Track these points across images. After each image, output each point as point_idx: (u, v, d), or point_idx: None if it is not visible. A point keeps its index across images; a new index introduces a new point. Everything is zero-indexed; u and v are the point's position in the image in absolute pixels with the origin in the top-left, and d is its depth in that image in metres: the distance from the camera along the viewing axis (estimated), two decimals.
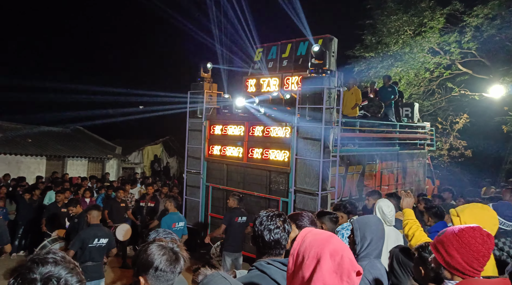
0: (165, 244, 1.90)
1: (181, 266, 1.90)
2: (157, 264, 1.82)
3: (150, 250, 1.87)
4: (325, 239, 1.47)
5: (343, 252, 1.43)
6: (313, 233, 1.54)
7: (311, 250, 1.44)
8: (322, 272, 1.38)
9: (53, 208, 8.59)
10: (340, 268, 1.39)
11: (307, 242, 1.48)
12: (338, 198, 7.81)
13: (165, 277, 1.83)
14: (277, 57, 9.71)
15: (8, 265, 8.29)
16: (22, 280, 1.23)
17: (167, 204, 6.67)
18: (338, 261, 1.40)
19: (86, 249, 5.42)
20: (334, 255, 1.41)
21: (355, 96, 9.30)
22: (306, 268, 1.43)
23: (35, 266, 1.25)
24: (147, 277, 1.83)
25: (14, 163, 14.31)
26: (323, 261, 1.40)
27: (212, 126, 9.49)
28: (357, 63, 17.93)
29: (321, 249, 1.42)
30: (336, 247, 1.44)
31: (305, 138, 7.60)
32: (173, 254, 1.87)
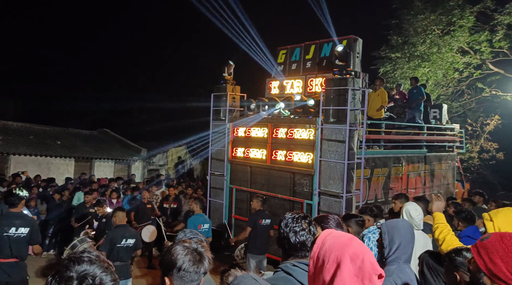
0: (189, 245, 1.91)
1: (205, 267, 1.90)
2: (180, 264, 1.83)
3: (174, 250, 1.89)
4: (345, 242, 1.45)
5: (363, 255, 1.40)
6: (332, 235, 1.52)
7: (331, 253, 1.43)
8: (343, 276, 1.36)
9: (81, 208, 8.81)
10: (361, 271, 1.37)
11: (327, 245, 1.47)
12: (363, 201, 7.69)
13: (189, 277, 1.83)
14: (300, 59, 9.66)
15: (39, 264, 8.54)
16: (59, 277, 1.27)
17: (193, 205, 6.72)
18: (359, 265, 1.38)
19: (114, 249, 5.52)
20: (355, 259, 1.39)
21: (381, 98, 9.14)
22: (327, 272, 1.41)
23: (71, 265, 1.29)
24: (171, 278, 1.85)
25: (45, 164, 14.77)
26: (343, 265, 1.38)
27: (236, 128, 9.52)
28: (382, 64, 17.63)
29: (341, 253, 1.40)
30: (356, 250, 1.42)
31: (329, 140, 7.52)
32: (197, 254, 1.88)
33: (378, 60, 17.97)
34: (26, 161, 14.18)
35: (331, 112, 7.55)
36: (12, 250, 4.90)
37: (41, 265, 8.46)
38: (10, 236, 4.90)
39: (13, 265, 4.91)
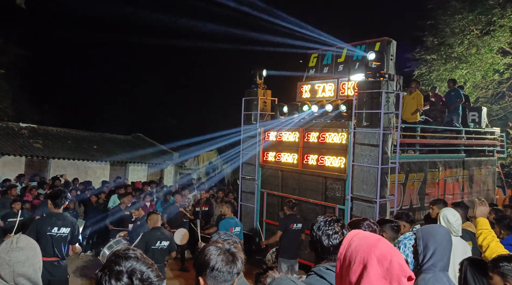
0: (222, 245, 1.93)
1: (238, 267, 1.90)
2: (213, 264, 1.84)
3: (207, 251, 1.90)
4: (371, 243, 1.42)
5: (391, 257, 1.36)
6: (359, 236, 1.49)
7: (357, 254, 1.40)
8: (370, 278, 1.33)
9: (117, 210, 9.06)
10: (389, 273, 1.33)
11: (353, 246, 1.44)
12: (398, 207, 7.49)
13: (222, 277, 1.84)
14: (332, 62, 9.57)
15: (77, 264, 8.83)
16: (109, 272, 1.31)
17: (224, 209, 6.77)
18: (386, 266, 1.34)
19: (149, 251, 5.62)
20: (382, 260, 1.35)
21: (416, 101, 8.89)
22: (353, 273, 1.39)
23: (120, 260, 1.34)
24: (205, 278, 1.86)
25: (82, 168, 15.31)
26: (370, 266, 1.35)
27: (267, 133, 9.53)
28: (417, 66, 17.18)
29: (368, 254, 1.38)
30: (383, 251, 1.38)
31: (362, 144, 7.38)
32: (230, 255, 1.89)
33: (412, 62, 17.53)
34: (65, 164, 14.75)
35: (364, 116, 7.41)
36: (55, 249, 5.09)
37: (79, 265, 8.75)
38: (52, 235, 5.10)
39: (56, 264, 5.10)
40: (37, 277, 2.04)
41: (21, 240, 2.07)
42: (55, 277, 5.04)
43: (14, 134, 15.12)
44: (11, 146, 13.74)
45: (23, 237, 2.09)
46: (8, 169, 13.24)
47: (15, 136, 14.97)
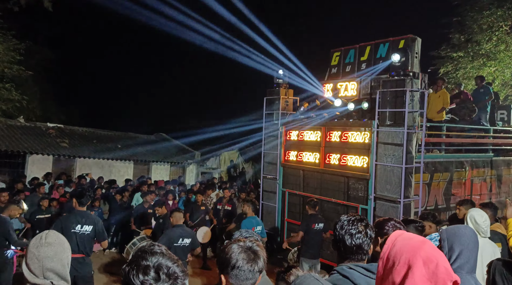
0: (243, 243, 1.92)
1: (260, 266, 1.88)
2: (234, 262, 1.83)
3: (229, 249, 1.90)
4: (417, 245, 1.40)
5: (438, 260, 1.34)
6: (403, 237, 1.47)
7: (402, 255, 1.38)
8: (414, 279, 1.31)
9: (140, 208, 9.21)
10: (434, 276, 1.31)
11: (398, 247, 1.42)
12: (423, 207, 7.33)
13: (244, 275, 1.83)
14: (355, 61, 9.44)
15: (102, 260, 9.02)
16: (136, 266, 1.34)
17: (245, 208, 6.79)
18: (432, 269, 1.32)
19: (172, 248, 5.69)
20: (428, 263, 1.33)
21: (442, 99, 8.69)
22: (397, 273, 1.37)
23: (146, 255, 1.37)
24: (227, 276, 1.86)
25: (107, 167, 15.64)
26: (415, 268, 1.33)
27: (288, 132, 9.50)
28: (443, 64, 16.76)
29: (413, 255, 1.36)
30: (429, 254, 1.36)
31: (386, 143, 7.26)
32: (251, 253, 1.88)
33: (438, 60, 17.10)
34: (90, 163, 15.10)
35: (387, 115, 7.29)
36: (79, 246, 5.23)
37: (104, 262, 8.93)
38: (76, 233, 5.24)
39: (80, 261, 5.23)
40: (65, 272, 2.09)
41: (49, 236, 2.12)
42: (80, 273, 5.17)
43: (42, 134, 15.58)
44: (39, 145, 14.16)
45: (52, 233, 2.14)
46: (37, 167, 13.66)
47: (43, 135, 15.43)
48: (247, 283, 1.85)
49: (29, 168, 13.64)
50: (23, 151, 13.31)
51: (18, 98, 15.64)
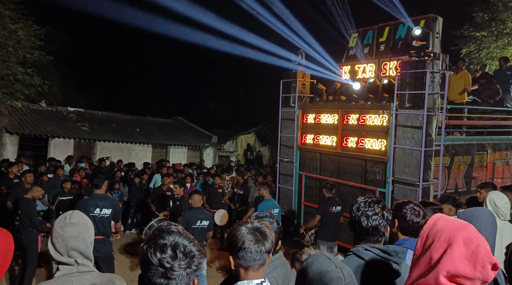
0: (251, 225, 1.92)
1: (267, 246, 1.88)
2: (241, 243, 1.84)
3: (236, 230, 1.91)
4: (458, 226, 1.42)
5: (478, 241, 1.35)
6: (445, 218, 1.49)
7: (442, 233, 1.40)
8: (453, 256, 1.33)
9: (159, 190, 9.37)
10: (474, 256, 1.32)
11: (439, 226, 1.44)
12: (442, 190, 7.25)
13: (251, 256, 1.84)
14: (373, 42, 9.25)
15: (122, 241, 9.28)
16: (154, 244, 1.38)
17: (262, 191, 6.84)
18: (472, 249, 1.33)
19: (189, 230, 5.80)
20: (468, 243, 1.34)
21: (464, 81, 8.46)
22: (435, 250, 1.39)
23: (164, 234, 1.41)
24: (235, 257, 1.88)
25: (126, 150, 15.90)
26: (455, 246, 1.34)
27: (305, 115, 9.44)
28: (465, 44, 16.24)
29: (454, 234, 1.37)
30: (470, 234, 1.37)
31: (405, 126, 7.16)
32: (259, 233, 1.88)
33: (460, 40, 16.56)
34: (110, 147, 15.37)
35: (407, 97, 7.16)
36: (99, 228, 5.37)
37: (124, 243, 9.18)
38: (95, 216, 5.38)
39: (101, 242, 5.38)
40: (88, 252, 2.16)
41: (73, 216, 2.18)
42: (100, 254, 5.32)
43: (63, 118, 15.91)
44: (61, 129, 14.48)
45: (76, 213, 2.20)
46: (58, 150, 13.99)
47: (64, 119, 15.75)
48: (255, 264, 1.85)
49: (52, 151, 13.99)
50: (45, 135, 13.64)
51: (40, 83, 15.88)
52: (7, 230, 2.28)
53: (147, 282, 1.38)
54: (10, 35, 14.62)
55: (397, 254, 2.11)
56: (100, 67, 28.37)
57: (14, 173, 9.00)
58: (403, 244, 2.58)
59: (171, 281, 1.36)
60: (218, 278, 7.30)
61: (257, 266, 1.86)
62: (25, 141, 13.59)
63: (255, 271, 1.86)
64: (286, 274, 2.30)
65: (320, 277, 1.43)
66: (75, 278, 2.03)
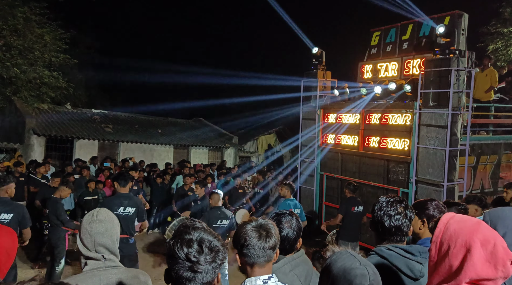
0: (256, 222, 1.93)
1: (271, 243, 1.87)
2: (243, 240, 1.86)
3: (241, 228, 1.93)
4: (472, 227, 1.38)
5: (495, 240, 1.33)
6: (456, 219, 1.44)
7: (457, 238, 1.37)
8: (474, 262, 1.31)
9: (181, 190, 9.49)
10: (493, 257, 1.31)
11: (452, 230, 1.40)
12: (468, 191, 7.08)
13: (255, 253, 1.85)
14: (396, 40, 9.12)
15: (146, 241, 9.42)
16: (180, 240, 1.43)
17: (283, 191, 6.82)
18: (490, 250, 1.32)
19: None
20: (486, 244, 1.32)
21: (490, 78, 8.24)
22: (454, 257, 1.36)
23: (189, 230, 1.46)
24: (240, 254, 1.90)
25: (148, 151, 16.15)
26: (474, 250, 1.32)
27: (326, 115, 9.38)
28: (492, 41, 15.80)
29: (470, 237, 1.34)
30: (486, 235, 1.35)
31: (429, 125, 7.02)
32: (263, 230, 1.88)
33: (486, 37, 16.12)
34: (133, 148, 15.65)
35: (430, 96, 7.03)
36: (123, 227, 5.45)
37: (148, 242, 9.32)
38: (119, 214, 5.46)
39: (125, 241, 5.46)
40: (114, 248, 2.22)
41: (100, 213, 2.25)
42: (124, 252, 5.39)
43: (88, 120, 16.29)
44: (86, 131, 14.83)
45: (103, 210, 2.27)
46: (83, 151, 14.34)
47: (88, 121, 16.13)
48: (259, 261, 1.86)
49: (77, 152, 14.34)
50: (71, 136, 14.00)
51: (65, 86, 16.35)
52: (13, 229, 2.37)
53: (174, 276, 1.42)
54: (37, 39, 15.10)
55: (420, 254, 2.08)
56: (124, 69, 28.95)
57: (41, 173, 9.28)
58: (425, 243, 2.54)
59: (197, 275, 1.40)
60: (239, 276, 7.30)
61: (262, 262, 1.86)
62: (52, 142, 13.98)
63: (261, 267, 1.87)
64: (308, 272, 2.30)
65: (344, 274, 1.43)
66: (102, 273, 2.09)
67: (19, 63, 14.48)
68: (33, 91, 15.47)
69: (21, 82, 14.84)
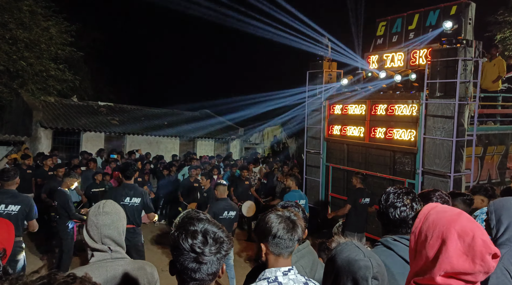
0: (282, 213, 1.97)
1: (299, 234, 1.95)
2: (275, 231, 1.90)
3: (268, 218, 1.96)
4: (451, 218, 1.33)
5: (474, 232, 1.27)
6: (437, 210, 1.40)
7: (435, 228, 1.33)
8: (449, 254, 1.26)
9: (186, 182, 9.53)
10: (471, 250, 1.25)
11: (431, 220, 1.36)
12: (475, 181, 7.04)
13: (284, 244, 1.90)
14: (402, 30, 9.02)
15: (152, 232, 9.51)
16: (185, 231, 1.44)
17: (289, 182, 6.84)
18: (468, 242, 1.26)
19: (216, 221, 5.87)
20: (463, 236, 1.27)
21: (498, 68, 8.13)
22: (430, 247, 1.32)
23: (194, 221, 1.47)
24: (267, 244, 1.93)
25: (155, 143, 16.21)
26: (449, 241, 1.27)
27: (332, 106, 9.34)
28: (500, 30, 15.56)
29: (447, 229, 1.30)
30: (464, 226, 1.29)
31: (435, 116, 6.97)
32: (290, 222, 1.93)
33: (494, 26, 15.88)
34: (139, 140, 15.71)
35: (437, 86, 6.96)
36: (129, 217, 5.50)
37: (154, 234, 9.40)
38: (125, 205, 5.51)
39: (131, 231, 5.50)
40: (121, 240, 2.24)
41: (107, 205, 2.27)
42: (130, 242, 5.46)
43: (94, 112, 16.37)
44: (92, 124, 14.91)
45: (109, 202, 2.29)
46: (90, 144, 14.43)
47: (95, 114, 16.20)
48: (286, 251, 1.92)
49: (84, 144, 14.43)
50: (78, 128, 14.09)
51: (71, 79, 16.41)
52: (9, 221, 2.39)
53: (179, 267, 1.43)
54: (43, 32, 15.13)
55: None
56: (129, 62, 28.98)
57: (48, 166, 9.37)
58: None
59: (202, 266, 1.41)
60: (246, 268, 7.37)
61: (287, 253, 1.92)
62: (59, 135, 14.08)
63: (285, 258, 1.92)
64: (313, 263, 2.31)
65: (349, 265, 1.44)
66: (109, 264, 2.12)
67: (25, 56, 14.54)
68: (39, 84, 15.55)
69: (27, 75, 14.92)
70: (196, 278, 1.42)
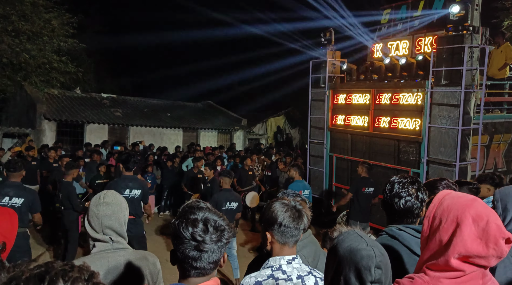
0: (287, 202, 1.98)
1: (305, 223, 1.96)
2: (280, 220, 1.90)
3: (274, 207, 1.96)
4: (465, 203, 1.35)
5: (488, 217, 1.29)
6: (451, 195, 1.42)
7: (449, 213, 1.35)
8: (463, 237, 1.28)
9: (190, 173, 9.53)
10: (485, 234, 1.27)
11: (445, 205, 1.38)
12: (480, 170, 6.98)
13: (290, 232, 1.91)
14: (407, 18, 8.88)
15: (157, 223, 9.54)
16: (185, 220, 1.43)
17: (292, 172, 6.81)
18: (482, 227, 1.28)
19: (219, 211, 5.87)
20: (478, 220, 1.29)
21: (505, 55, 8.00)
22: (444, 231, 1.34)
23: (194, 210, 1.46)
24: (273, 233, 1.93)
25: (158, 134, 16.22)
26: (464, 225, 1.29)
27: (336, 95, 9.26)
28: (507, 16, 15.31)
29: (462, 213, 1.32)
30: (479, 211, 1.31)
31: (440, 104, 6.88)
32: (295, 211, 1.94)
33: (501, 12, 15.63)
34: (142, 131, 15.73)
35: (443, 74, 6.86)
36: (130, 208, 5.48)
37: (159, 225, 9.44)
38: (125, 196, 5.51)
39: (132, 222, 5.51)
40: (122, 230, 2.22)
41: (107, 196, 2.25)
42: (132, 233, 5.46)
43: (98, 104, 16.37)
44: (96, 115, 14.92)
45: (110, 193, 2.27)
46: (94, 136, 14.46)
47: (98, 106, 16.21)
48: (292, 240, 1.93)
49: (87, 136, 14.47)
50: (81, 120, 14.10)
51: (74, 71, 16.40)
52: (13, 210, 2.36)
53: (180, 256, 1.43)
54: (45, 24, 15.09)
55: None
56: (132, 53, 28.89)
57: (53, 157, 9.40)
58: None
59: (203, 254, 1.40)
60: (250, 258, 7.38)
61: (292, 242, 1.93)
62: (63, 127, 14.11)
63: (290, 247, 1.93)
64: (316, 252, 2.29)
65: (351, 255, 1.40)
66: (111, 254, 2.11)
67: (28, 49, 14.52)
68: (42, 77, 15.56)
69: (30, 68, 14.92)
70: (197, 266, 1.42)
